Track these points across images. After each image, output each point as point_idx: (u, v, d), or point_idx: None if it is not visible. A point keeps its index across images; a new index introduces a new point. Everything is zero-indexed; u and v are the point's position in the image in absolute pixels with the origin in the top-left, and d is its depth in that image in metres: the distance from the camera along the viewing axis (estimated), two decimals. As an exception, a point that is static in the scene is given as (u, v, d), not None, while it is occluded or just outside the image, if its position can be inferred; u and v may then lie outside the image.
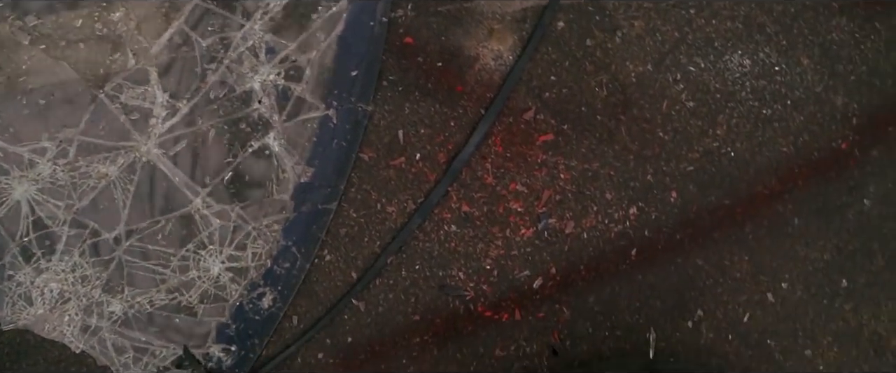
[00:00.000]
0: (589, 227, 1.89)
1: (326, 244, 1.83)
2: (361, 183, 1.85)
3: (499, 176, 1.88)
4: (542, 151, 1.89)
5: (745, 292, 1.91)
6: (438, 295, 1.84)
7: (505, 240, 1.86)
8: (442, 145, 1.87)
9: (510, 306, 1.85)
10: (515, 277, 1.86)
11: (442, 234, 1.85)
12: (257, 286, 1.79)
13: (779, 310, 1.92)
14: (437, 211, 1.86)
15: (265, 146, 1.82)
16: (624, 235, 1.90)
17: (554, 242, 1.88)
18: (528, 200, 1.88)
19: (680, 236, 1.91)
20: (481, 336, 1.84)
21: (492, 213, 1.87)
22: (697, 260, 1.91)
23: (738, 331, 1.90)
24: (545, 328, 1.86)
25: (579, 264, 1.87)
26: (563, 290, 1.86)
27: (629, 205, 1.91)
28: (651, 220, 1.90)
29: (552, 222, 1.88)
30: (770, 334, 1.91)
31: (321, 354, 1.82)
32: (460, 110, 1.89)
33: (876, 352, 1.93)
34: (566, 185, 1.89)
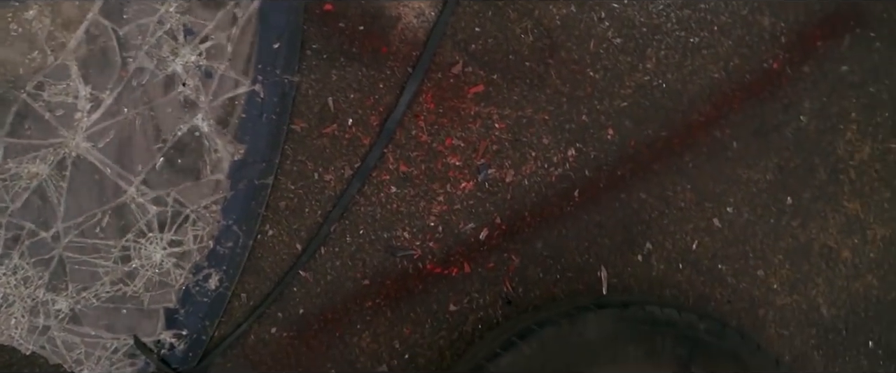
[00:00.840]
0: (529, 173, 1.89)
1: (267, 219, 1.82)
2: (296, 154, 1.84)
3: (433, 133, 1.87)
4: (474, 103, 1.89)
5: (692, 220, 1.92)
6: (386, 257, 1.83)
7: (447, 195, 1.86)
8: (373, 108, 1.86)
9: (459, 260, 1.85)
10: (461, 231, 1.85)
11: (383, 196, 1.85)
12: (202, 268, 1.78)
13: (726, 234, 1.92)
14: (375, 174, 1.85)
15: (194, 128, 1.81)
16: (565, 177, 1.90)
17: (496, 192, 1.87)
18: (466, 153, 1.87)
19: (621, 173, 1.91)
20: (433, 293, 1.84)
21: (430, 170, 1.86)
22: (641, 194, 1.91)
23: (688, 259, 1.91)
24: (496, 278, 1.86)
25: (523, 211, 1.87)
26: (509, 238, 1.86)
27: (567, 147, 1.90)
28: (590, 159, 1.90)
29: (492, 173, 1.87)
30: (720, 259, 1.92)
31: (274, 328, 1.81)
32: (388, 71, 1.88)
33: (828, 264, 1.94)
34: (502, 134, 1.89)
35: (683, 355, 1.56)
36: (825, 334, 1.93)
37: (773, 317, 1.91)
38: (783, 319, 1.92)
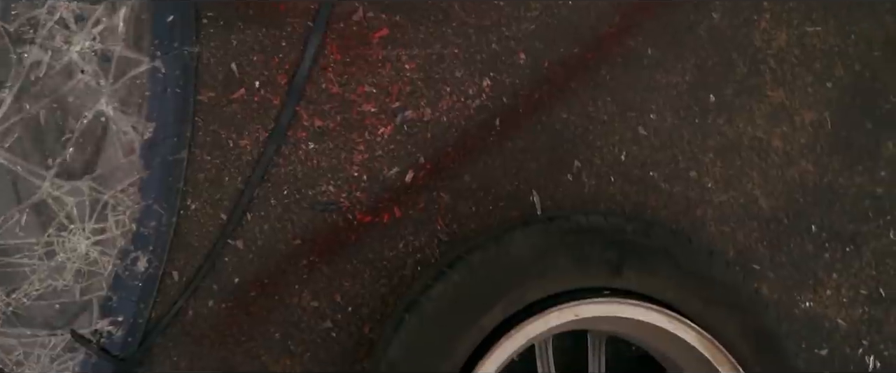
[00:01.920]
0: (447, 109, 1.87)
1: (188, 193, 1.80)
2: (207, 125, 1.81)
3: (344, 83, 1.85)
4: (381, 47, 1.86)
5: (616, 132, 1.90)
6: (314, 214, 1.82)
7: (366, 143, 1.83)
8: (279, 68, 1.83)
9: (388, 205, 1.83)
10: (386, 177, 1.83)
11: (302, 153, 1.82)
12: (129, 252, 1.75)
13: (653, 141, 1.91)
14: (290, 133, 1.82)
15: (99, 113, 1.78)
16: (483, 108, 1.88)
17: (416, 133, 1.85)
18: (380, 98, 1.85)
19: (538, 95, 1.89)
20: (367, 242, 1.82)
21: (346, 121, 1.84)
22: (562, 114, 1.90)
23: (618, 171, 1.90)
24: (428, 218, 1.84)
25: (446, 148, 1.85)
26: (436, 177, 1.84)
27: (481, 78, 1.88)
28: (506, 86, 1.88)
29: (409, 114, 1.85)
30: (651, 166, 1.90)
31: (211, 301, 1.79)
32: (288, 28, 1.85)
33: (760, 156, 1.94)
34: (414, 74, 1.86)
35: (613, 259, 1.55)
36: (767, 225, 1.92)
37: (712, 215, 1.91)
38: (722, 216, 1.91)
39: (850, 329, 1.94)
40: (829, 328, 1.94)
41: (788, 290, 1.92)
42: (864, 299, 1.96)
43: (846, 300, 1.95)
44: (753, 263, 1.91)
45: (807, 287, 1.93)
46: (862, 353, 1.95)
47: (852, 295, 1.95)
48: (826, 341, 1.93)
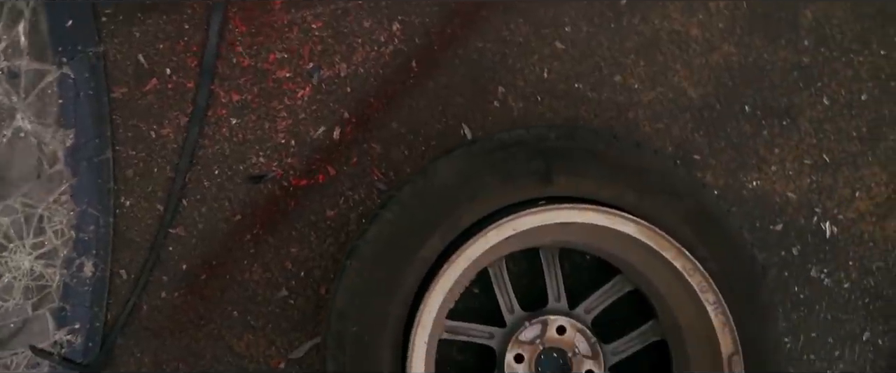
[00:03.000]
0: (361, 60, 1.86)
1: (120, 191, 1.79)
2: (126, 120, 1.80)
3: (254, 54, 1.84)
4: (285, 11, 1.85)
5: (534, 51, 1.90)
6: (249, 188, 1.81)
7: (288, 109, 1.83)
8: (186, 51, 1.82)
9: (321, 165, 1.83)
10: (314, 138, 1.83)
11: (225, 131, 1.82)
12: (73, 260, 1.75)
13: (573, 53, 1.90)
14: (210, 113, 1.82)
15: (18, 129, 1.77)
16: (398, 52, 1.87)
17: (335, 89, 1.85)
18: (293, 62, 1.84)
19: (450, 29, 1.88)
20: (307, 205, 1.82)
21: (264, 90, 1.84)
22: (477, 43, 1.89)
23: (543, 89, 1.89)
24: (364, 171, 1.84)
25: (368, 98, 1.85)
26: (363, 129, 1.84)
27: (390, 23, 1.88)
28: (417, 26, 1.88)
29: (325, 72, 1.85)
30: (575, 78, 1.91)
31: (163, 293, 1.78)
32: (188, 11, 1.84)
33: (680, 48, 1.94)
34: (322, 32, 1.86)
35: (541, 168, 1.54)
36: (700, 114, 1.93)
37: (644, 115, 1.91)
38: (654, 113, 1.91)
39: (802, 200, 1.95)
40: (780, 203, 1.94)
41: (733, 173, 1.93)
42: (809, 169, 1.96)
43: (792, 172, 1.96)
44: (693, 154, 1.92)
45: (751, 167, 1.94)
46: (817, 221, 1.96)
47: (797, 167, 1.96)
48: (779, 215, 1.94)
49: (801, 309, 1.90)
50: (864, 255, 1.94)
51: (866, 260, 1.94)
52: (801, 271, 1.90)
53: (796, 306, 1.89)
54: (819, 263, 1.92)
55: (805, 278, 1.90)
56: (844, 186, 1.96)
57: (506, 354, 1.66)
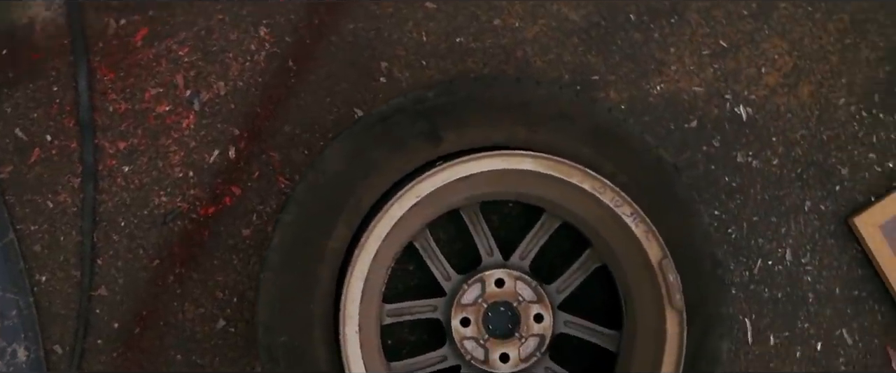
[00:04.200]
0: (238, 74, 1.83)
1: (33, 269, 1.75)
2: (20, 197, 1.77)
3: (129, 97, 1.80)
4: (148, 46, 1.82)
5: (407, 18, 1.88)
6: (159, 230, 1.77)
7: (176, 141, 1.79)
8: (61, 113, 1.79)
9: (225, 188, 1.79)
10: (211, 163, 1.79)
11: (121, 180, 1.78)
12: (4, 349, 1.71)
13: (446, 9, 1.90)
14: (101, 168, 1.78)
15: (-88, 237, 1.71)
16: (272, 56, 1.84)
17: (219, 110, 1.81)
18: (170, 94, 1.81)
19: (317, 19, 1.85)
20: (222, 231, 1.78)
21: (148, 130, 1.80)
22: (348, 25, 1.86)
23: (426, 53, 1.86)
24: (268, 182, 1.81)
25: (255, 109, 1.81)
26: (257, 141, 1.81)
27: (256, 29, 1.85)
28: (284, 26, 1.85)
29: (204, 96, 1.81)
30: (454, 34, 1.89)
31: (102, 356, 1.75)
32: (53, 73, 1.80)
33: None
34: (190, 56, 1.82)
35: (426, 128, 1.51)
36: (587, 34, 1.90)
37: (533, 50, 1.88)
38: (542, 46, 1.88)
39: (710, 91, 1.93)
40: (689, 99, 1.92)
41: (635, 83, 1.90)
42: (709, 58, 1.94)
43: (693, 67, 1.94)
44: (591, 76, 1.89)
45: (651, 72, 1.91)
46: (730, 107, 1.94)
47: (697, 59, 1.94)
48: (691, 111, 1.91)
49: (737, 197, 1.88)
50: (784, 127, 1.92)
51: (788, 132, 1.92)
52: (728, 161, 1.88)
53: (731, 195, 1.87)
54: (743, 147, 1.90)
55: (733, 166, 1.88)
56: (748, 65, 1.94)
57: (451, 321, 1.63)
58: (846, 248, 1.91)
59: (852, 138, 1.95)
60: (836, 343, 1.88)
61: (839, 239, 1.91)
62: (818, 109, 1.96)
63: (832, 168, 1.94)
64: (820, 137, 1.95)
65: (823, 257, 1.89)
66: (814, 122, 1.95)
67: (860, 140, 1.95)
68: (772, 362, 1.85)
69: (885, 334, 1.90)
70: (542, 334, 1.64)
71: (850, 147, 1.95)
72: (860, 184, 1.93)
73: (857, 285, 1.90)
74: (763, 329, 1.86)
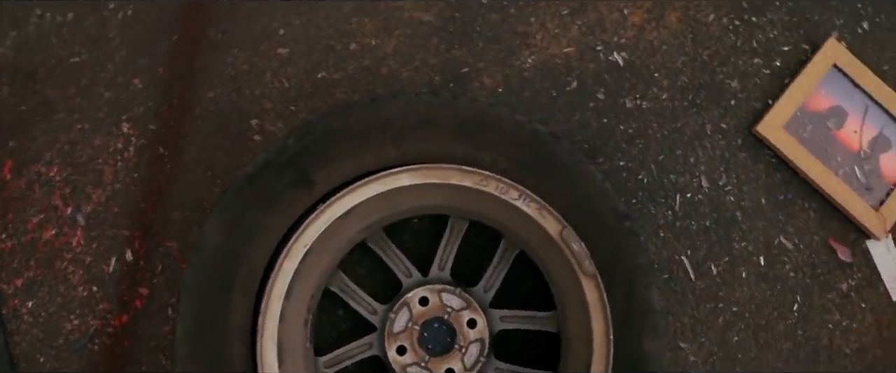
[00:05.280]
0: (113, 177, 1.81)
1: (-34, 432, 1.68)
2: (-68, 366, 1.69)
3: (13, 233, 1.80)
4: (16, 176, 1.82)
5: (264, 69, 1.87)
6: (79, 355, 1.72)
7: (72, 261, 1.76)
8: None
9: (133, 292, 1.76)
10: (111, 272, 1.78)
11: (28, 317, 1.75)
12: None
13: (299, 50, 1.84)
14: (6, 311, 1.75)
15: None
16: (141, 148, 1.81)
17: (104, 217, 1.78)
18: (52, 217, 1.78)
19: (176, 99, 1.83)
20: (142, 336, 1.77)
21: (41, 259, 1.76)
22: (207, 94, 1.84)
23: (292, 98, 1.85)
24: (174, 273, 1.77)
25: (139, 205, 1.77)
26: (151, 236, 1.79)
27: (118, 127, 1.84)
28: (144, 115, 1.84)
29: (86, 208, 1.77)
30: (313, 70, 1.87)
31: None
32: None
33: None
34: (61, 174, 1.80)
35: (295, 177, 1.48)
36: (445, 30, 1.90)
37: (396, 63, 1.89)
38: (405, 56, 1.89)
39: (580, 47, 1.92)
40: (563, 62, 1.90)
41: (505, 63, 1.89)
42: (570, 17, 1.94)
43: (558, 30, 1.92)
44: (460, 69, 1.87)
45: (518, 48, 1.90)
46: (604, 57, 1.92)
47: (559, 21, 1.92)
48: (568, 74, 1.90)
49: (637, 142, 1.86)
50: (663, 60, 1.90)
51: (668, 64, 1.90)
52: (618, 110, 1.86)
53: (631, 142, 1.85)
54: (629, 92, 1.88)
55: (624, 114, 1.86)
56: (610, 11, 1.93)
57: (388, 353, 1.59)
58: (759, 157, 1.88)
59: (732, 50, 1.93)
60: (777, 252, 1.85)
61: (749, 151, 1.88)
62: (690, 32, 1.94)
63: (722, 85, 1.91)
64: (701, 59, 1.92)
65: (739, 173, 1.87)
66: (690, 46, 1.93)
67: (741, 49, 1.93)
68: (720, 290, 1.82)
69: (822, 229, 1.87)
70: (480, 338, 1.60)
71: (733, 59, 1.93)
72: (754, 92, 1.91)
73: (781, 189, 1.87)
74: (702, 262, 1.82)
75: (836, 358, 1.82)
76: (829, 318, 1.83)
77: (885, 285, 1.85)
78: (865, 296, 1.85)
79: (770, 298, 1.82)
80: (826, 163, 1.85)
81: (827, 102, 1.90)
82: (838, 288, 1.84)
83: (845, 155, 1.88)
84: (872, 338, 1.83)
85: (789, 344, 1.81)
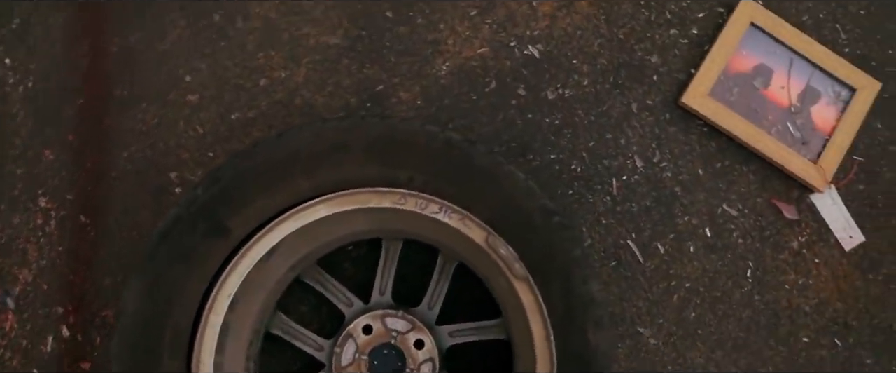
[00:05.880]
0: (38, 254, 1.84)
1: None
2: None
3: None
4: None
5: (175, 119, 1.82)
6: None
7: (8, 347, 1.78)
8: None
9: (75, 369, 1.73)
10: (49, 350, 1.78)
11: (-29, 411, 1.66)
12: None
13: (209, 93, 1.81)
14: (-54, 407, 1.66)
15: None
16: (62, 219, 1.80)
17: (33, 297, 1.80)
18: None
19: (89, 164, 1.77)
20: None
21: (-24, 349, 1.68)
22: (123, 154, 1.77)
23: (209, 144, 1.79)
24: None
25: (68, 279, 1.74)
26: (85, 308, 1.77)
27: (35, 202, 1.80)
28: (59, 185, 1.80)
29: (15, 290, 1.74)
30: (227, 112, 1.82)
31: None
32: None
33: (296, 12, 1.82)
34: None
35: (209, 227, 1.44)
36: (354, 50, 1.86)
37: (310, 92, 1.85)
38: (317, 83, 1.84)
39: (494, 46, 1.89)
40: (479, 63, 1.87)
41: (420, 74, 1.87)
42: (479, 16, 1.92)
43: (469, 32, 1.89)
44: (375, 87, 1.85)
45: (431, 57, 1.89)
46: (520, 53, 1.89)
47: (468, 23, 1.90)
48: (485, 75, 1.88)
49: (565, 132, 1.82)
50: (580, 46, 1.87)
51: (585, 48, 1.87)
52: (540, 103, 1.83)
53: (559, 133, 1.82)
54: (549, 83, 1.84)
55: (548, 106, 1.83)
56: (519, 5, 1.89)
57: (340, 392, 1.54)
58: (690, 129, 1.85)
59: (647, 24, 1.90)
60: (723, 221, 1.81)
61: (679, 123, 1.85)
62: (603, 13, 1.91)
63: (642, 61, 1.88)
64: (617, 38, 1.89)
65: (672, 148, 1.83)
66: (604, 27, 1.90)
67: (655, 23, 1.90)
68: (670, 268, 1.78)
69: (764, 190, 1.84)
70: (430, 358, 1.56)
71: (649, 34, 1.90)
72: (674, 63, 1.88)
73: (716, 157, 1.84)
74: (649, 242, 1.79)
75: (796, 317, 1.78)
76: (785, 278, 1.79)
77: (834, 236, 1.81)
78: (817, 250, 1.81)
79: (722, 268, 1.78)
80: (758, 123, 1.82)
81: (750, 61, 1.87)
82: (789, 247, 1.81)
83: (776, 112, 1.85)
84: (830, 292, 1.79)
85: (748, 311, 1.77)
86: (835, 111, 1.86)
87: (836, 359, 1.77)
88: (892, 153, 1.86)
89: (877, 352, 1.78)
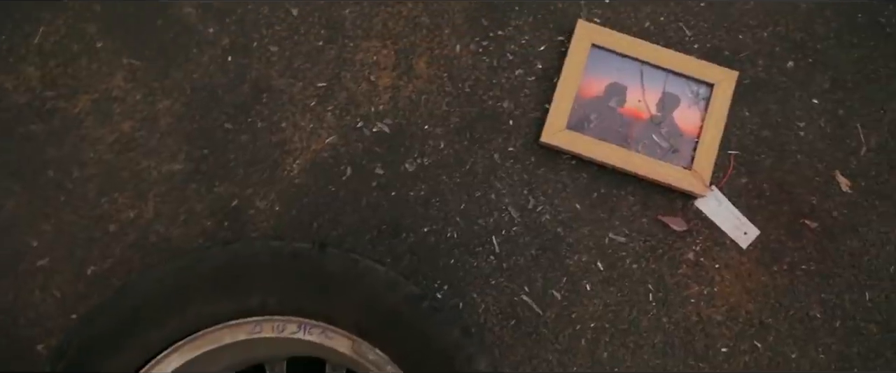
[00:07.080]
0: None
1: None
2: None
3: None
4: None
5: (35, 287, 1.64)
6: None
7: None
8: None
9: None
10: None
11: None
12: None
13: (57, 267, 1.66)
14: None
15: None
16: None
17: None
18: None
19: None
20: None
21: None
22: None
23: (65, 310, 1.64)
24: None
25: None
26: None
27: None
28: None
29: None
30: (85, 264, 1.66)
31: None
32: None
33: (148, 129, 1.72)
34: None
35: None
36: (199, 172, 1.75)
37: (163, 227, 1.71)
38: (169, 217, 1.74)
39: (341, 131, 1.84)
40: (330, 153, 1.84)
41: (273, 178, 1.84)
42: (319, 105, 1.86)
43: (312, 124, 1.87)
44: (229, 205, 1.73)
45: (280, 158, 1.85)
46: (368, 131, 1.82)
47: (310, 115, 1.86)
48: (339, 163, 1.84)
49: (434, 201, 1.79)
50: (429, 110, 1.84)
51: (434, 111, 1.84)
52: (402, 177, 1.81)
53: (427, 204, 1.80)
54: (405, 155, 1.81)
55: (409, 178, 1.81)
56: (356, 84, 1.85)
57: None
58: (557, 166, 1.79)
59: (491, 71, 1.85)
60: (612, 251, 1.74)
61: (546, 163, 1.79)
62: (443, 70, 1.85)
63: (494, 109, 1.82)
64: (464, 93, 1.83)
65: (545, 189, 1.77)
66: (448, 84, 1.84)
67: (499, 67, 1.85)
68: (572, 312, 1.70)
69: (647, 209, 1.77)
70: None
71: (495, 80, 1.85)
72: (527, 104, 1.83)
73: (590, 187, 1.78)
74: (543, 292, 1.71)
75: (710, 329, 1.71)
76: (689, 292, 1.72)
77: (729, 236, 1.75)
78: (715, 255, 1.75)
79: (623, 298, 1.71)
80: (623, 144, 1.77)
81: (601, 83, 1.82)
82: (685, 259, 1.74)
83: (639, 127, 1.80)
84: (738, 294, 1.73)
85: (660, 335, 1.69)
86: (697, 111, 1.82)
87: (761, 361, 1.70)
88: (766, 138, 1.81)
89: (799, 344, 1.71)
